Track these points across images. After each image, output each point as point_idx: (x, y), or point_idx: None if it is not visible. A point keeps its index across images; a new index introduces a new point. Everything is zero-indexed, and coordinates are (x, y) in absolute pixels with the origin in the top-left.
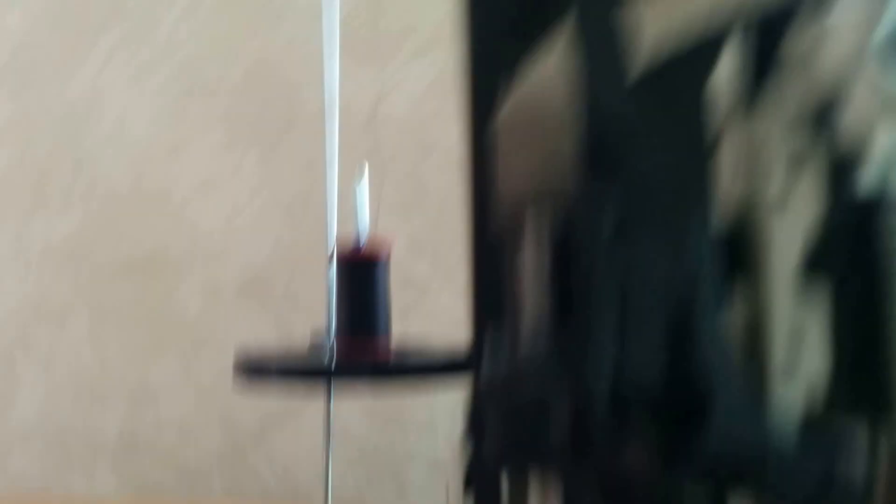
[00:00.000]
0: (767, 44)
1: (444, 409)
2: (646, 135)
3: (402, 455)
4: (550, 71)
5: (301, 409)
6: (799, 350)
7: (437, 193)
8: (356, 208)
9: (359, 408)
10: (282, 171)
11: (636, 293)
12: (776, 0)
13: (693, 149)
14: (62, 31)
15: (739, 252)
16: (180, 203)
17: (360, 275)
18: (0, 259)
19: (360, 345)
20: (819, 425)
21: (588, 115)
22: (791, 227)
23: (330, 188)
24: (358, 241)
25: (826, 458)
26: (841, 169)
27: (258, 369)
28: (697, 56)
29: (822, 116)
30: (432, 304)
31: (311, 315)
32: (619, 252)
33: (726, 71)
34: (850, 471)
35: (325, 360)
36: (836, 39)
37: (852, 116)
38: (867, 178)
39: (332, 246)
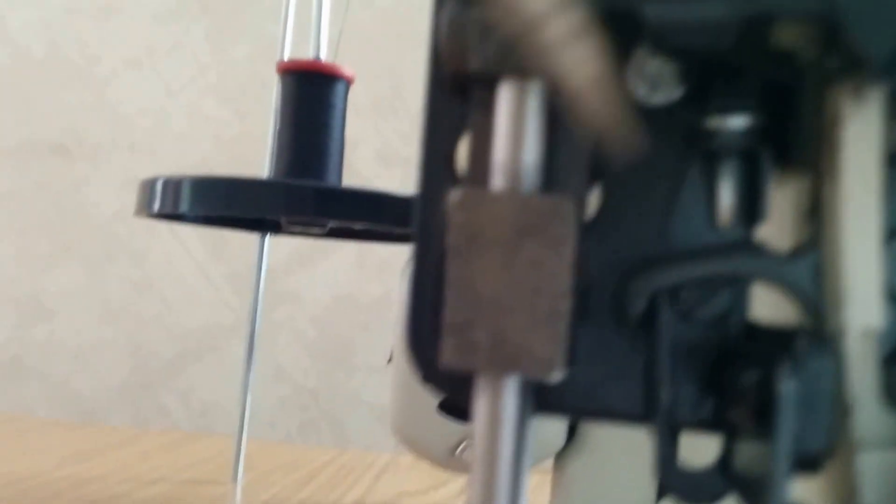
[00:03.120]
0: None
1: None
2: None
3: (342, 398)
4: None
5: (224, 343)
6: None
7: None
8: (314, 19)
9: (299, 346)
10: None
11: None
12: None
13: None
14: None
15: None
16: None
17: (314, 95)
18: None
19: None
20: None
21: None
22: None
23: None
24: (316, 52)
25: None
26: None
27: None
28: None
29: None
30: None
31: None
32: None
33: None
34: None
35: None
36: None
37: None
38: None
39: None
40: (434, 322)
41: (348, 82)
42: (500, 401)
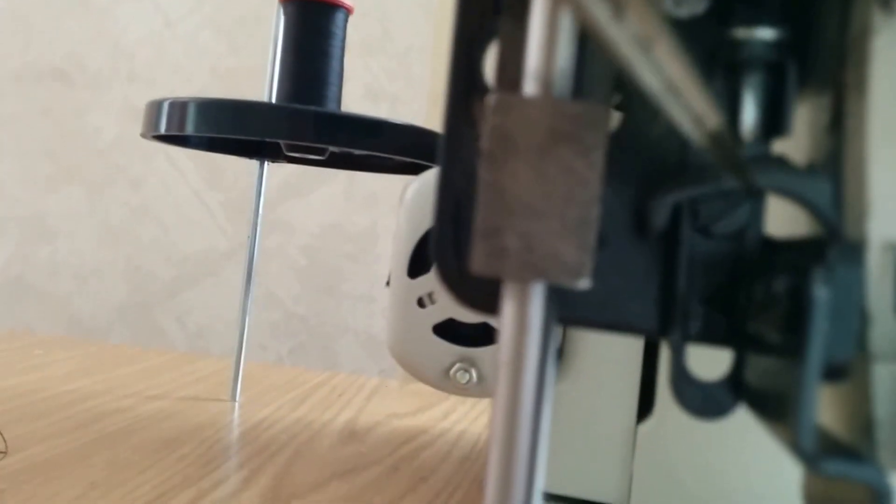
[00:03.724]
0: None
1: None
2: None
3: (331, 325)
4: None
5: (220, 265)
6: None
7: None
8: None
9: (289, 273)
10: None
11: None
12: None
13: None
14: None
15: None
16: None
17: (315, 23)
18: None
19: None
20: None
21: None
22: None
23: None
24: None
25: None
26: None
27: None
28: None
29: None
30: None
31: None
32: None
33: None
34: None
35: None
36: None
37: None
38: None
39: None
40: (457, 233)
41: (348, 12)
42: (526, 308)
